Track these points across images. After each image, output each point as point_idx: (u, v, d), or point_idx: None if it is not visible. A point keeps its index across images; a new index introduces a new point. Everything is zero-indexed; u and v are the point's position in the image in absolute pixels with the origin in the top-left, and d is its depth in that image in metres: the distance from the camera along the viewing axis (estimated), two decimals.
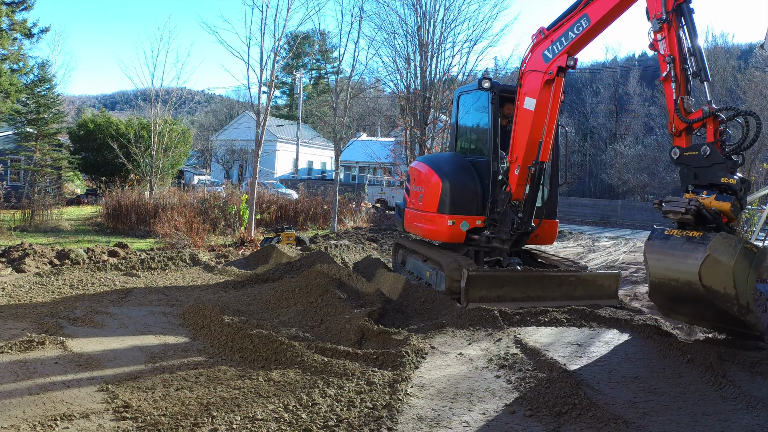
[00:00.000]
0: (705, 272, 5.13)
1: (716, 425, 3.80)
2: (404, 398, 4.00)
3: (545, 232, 8.06)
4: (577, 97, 47.87)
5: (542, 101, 7.05)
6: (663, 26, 5.70)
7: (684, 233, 5.44)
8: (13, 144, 21.37)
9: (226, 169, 47.24)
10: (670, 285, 5.51)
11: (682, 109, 5.67)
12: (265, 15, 14.40)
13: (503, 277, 7.13)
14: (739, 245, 5.07)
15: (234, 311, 6.19)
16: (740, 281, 5.03)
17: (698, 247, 5.21)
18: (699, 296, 5.27)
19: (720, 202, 5.38)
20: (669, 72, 5.69)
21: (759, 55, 19.82)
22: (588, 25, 6.51)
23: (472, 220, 7.71)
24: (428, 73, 18.13)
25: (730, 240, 5.13)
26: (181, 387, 4.14)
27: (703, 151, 5.47)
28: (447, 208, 7.73)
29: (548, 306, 6.72)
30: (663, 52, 5.75)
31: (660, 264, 5.62)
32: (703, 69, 5.61)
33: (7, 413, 3.59)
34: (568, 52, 6.78)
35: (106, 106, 67.02)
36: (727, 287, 5.06)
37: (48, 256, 9.24)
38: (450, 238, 7.83)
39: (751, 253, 5.07)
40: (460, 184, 7.81)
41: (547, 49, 7.02)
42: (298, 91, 49.34)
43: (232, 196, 18.51)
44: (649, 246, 5.74)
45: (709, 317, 5.56)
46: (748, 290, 5.09)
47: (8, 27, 24.65)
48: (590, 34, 6.64)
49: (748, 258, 5.05)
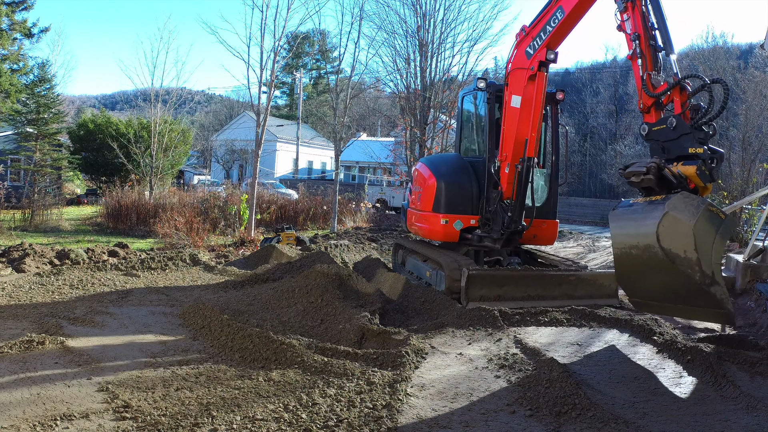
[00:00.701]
0: (663, 232, 4.79)
1: (716, 425, 3.80)
2: (404, 398, 4.00)
3: (544, 232, 8.04)
4: (577, 97, 47.84)
5: (527, 98, 7.19)
6: (627, 5, 5.76)
7: (648, 199, 5.21)
8: (13, 144, 21.38)
9: (226, 169, 47.23)
10: (631, 255, 5.20)
11: (649, 84, 5.58)
12: (265, 15, 14.41)
13: (503, 277, 7.13)
14: (702, 206, 4.71)
15: (234, 311, 6.18)
16: (703, 245, 4.63)
17: (657, 207, 4.93)
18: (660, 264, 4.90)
19: (685, 166, 5.11)
20: (635, 49, 5.69)
21: (759, 55, 19.81)
22: (563, 16, 6.66)
23: (466, 219, 7.79)
24: (428, 73, 18.13)
25: (692, 200, 4.80)
26: (181, 387, 4.14)
27: (670, 123, 5.32)
28: (440, 208, 7.85)
29: (548, 306, 6.72)
30: (629, 31, 5.78)
31: (621, 231, 5.37)
32: (668, 42, 5.57)
33: (7, 413, 3.59)
34: (547, 45, 6.92)
35: (106, 106, 66.98)
36: (688, 250, 4.66)
37: (48, 256, 9.24)
38: (444, 237, 7.93)
39: (716, 218, 4.71)
40: (453, 184, 7.89)
41: (529, 46, 7.17)
42: (298, 91, 49.33)
43: (232, 196, 18.50)
44: (612, 215, 5.50)
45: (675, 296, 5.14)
46: (714, 259, 4.69)
47: (8, 27, 24.66)
48: (566, 26, 6.78)
49: (712, 222, 4.69)
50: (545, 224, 7.94)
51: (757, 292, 7.74)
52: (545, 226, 7.96)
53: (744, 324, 7.01)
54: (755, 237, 9.19)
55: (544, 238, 8.16)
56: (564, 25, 6.73)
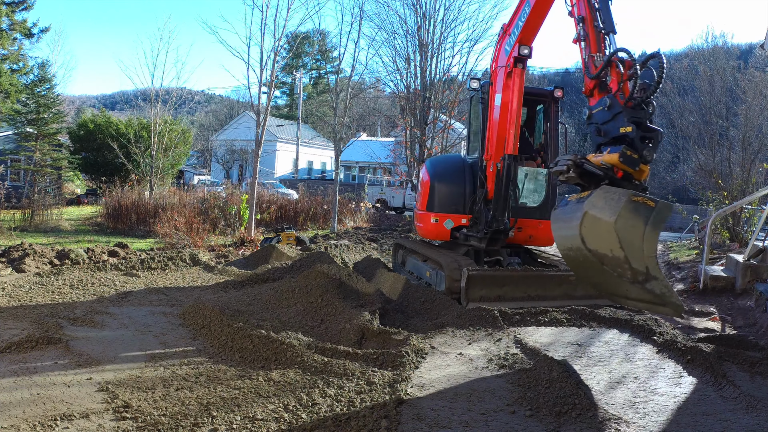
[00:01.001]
0: (586, 234, 4.47)
1: (716, 425, 3.80)
2: (404, 398, 4.00)
3: (541, 233, 7.96)
4: (577, 97, 47.78)
5: (505, 94, 7.32)
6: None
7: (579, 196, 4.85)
8: (13, 144, 21.38)
9: (226, 169, 47.22)
10: (570, 256, 4.90)
11: (591, 66, 5.45)
12: (265, 15, 14.43)
13: (503, 277, 7.13)
14: (623, 198, 4.33)
15: (234, 311, 6.18)
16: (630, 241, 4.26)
17: (579, 206, 4.62)
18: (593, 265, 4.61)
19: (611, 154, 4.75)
20: (579, 32, 5.64)
21: (759, 55, 19.80)
22: (530, 11, 6.76)
23: (457, 218, 7.87)
24: (428, 73, 18.11)
25: (612, 194, 4.43)
26: (181, 387, 4.14)
27: (604, 104, 5.09)
28: (432, 207, 7.99)
29: (548, 306, 6.72)
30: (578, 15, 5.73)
31: (557, 233, 5.07)
32: (607, 21, 5.45)
33: (7, 413, 3.59)
34: (520, 41, 7.02)
35: (106, 106, 66.98)
36: (614, 249, 4.32)
37: (48, 256, 9.23)
38: (436, 235, 8.10)
39: (643, 208, 4.32)
40: (446, 184, 8.00)
41: (506, 43, 7.32)
42: (298, 91, 49.35)
43: (232, 196, 18.50)
44: (551, 215, 5.25)
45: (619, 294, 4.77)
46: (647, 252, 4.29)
47: (8, 27, 24.66)
48: (533, 19, 6.85)
49: (639, 213, 4.31)
50: (542, 224, 7.87)
51: (757, 292, 7.74)
52: (542, 227, 7.89)
53: (744, 324, 7.01)
54: (755, 237, 9.19)
55: (540, 239, 8.09)
56: (531, 18, 6.83)
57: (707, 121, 18.71)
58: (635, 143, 4.79)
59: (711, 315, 7.57)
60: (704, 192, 17.05)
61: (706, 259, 9.76)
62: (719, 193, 15.03)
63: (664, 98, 23.07)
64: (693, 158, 23.33)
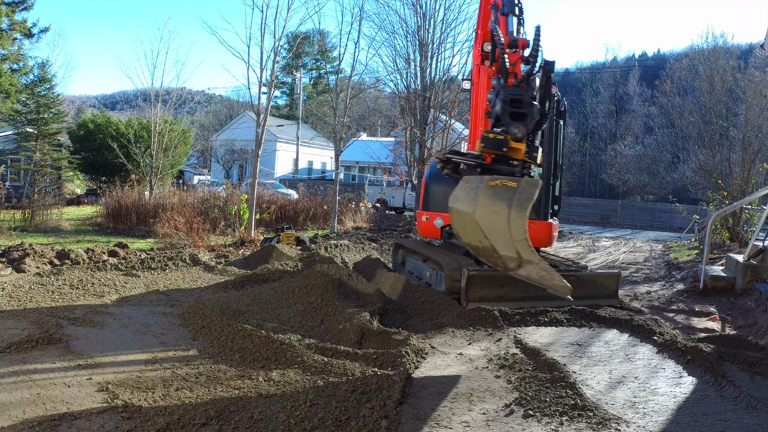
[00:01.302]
0: (456, 228, 4.41)
1: (716, 425, 3.80)
2: (404, 398, 4.00)
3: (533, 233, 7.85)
4: (577, 97, 47.86)
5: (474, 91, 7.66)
6: None
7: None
8: (13, 144, 21.36)
9: (226, 169, 47.21)
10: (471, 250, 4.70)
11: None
12: (265, 15, 14.41)
13: (503, 277, 7.10)
14: (480, 186, 4.16)
15: (234, 311, 6.18)
16: (494, 229, 4.06)
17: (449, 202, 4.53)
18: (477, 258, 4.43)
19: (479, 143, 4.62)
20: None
21: (759, 55, 19.79)
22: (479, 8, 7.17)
23: (446, 216, 7.94)
24: (428, 73, 18.14)
25: (471, 183, 4.29)
26: (181, 387, 4.14)
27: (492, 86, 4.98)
28: (426, 206, 8.25)
29: (548, 306, 6.72)
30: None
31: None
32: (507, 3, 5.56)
33: (7, 413, 3.59)
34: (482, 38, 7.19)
35: (106, 106, 66.99)
36: (482, 240, 4.18)
37: (48, 256, 9.23)
38: (429, 234, 8.33)
39: (504, 191, 4.09)
40: (438, 183, 8.13)
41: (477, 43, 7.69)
42: (298, 91, 49.33)
43: (232, 196, 18.48)
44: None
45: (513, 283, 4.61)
46: (514, 236, 4.07)
47: (8, 27, 24.65)
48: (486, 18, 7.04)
49: (500, 197, 4.08)
50: (534, 225, 7.80)
51: (757, 292, 7.74)
52: (534, 227, 7.81)
53: (744, 324, 7.01)
54: (755, 237, 9.19)
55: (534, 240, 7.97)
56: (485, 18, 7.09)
57: (707, 121, 18.72)
58: (501, 121, 4.65)
59: (711, 315, 7.58)
60: (704, 192, 17.07)
61: (706, 259, 9.77)
62: (719, 193, 15.03)
63: (664, 98, 23.02)
64: (693, 158, 23.35)
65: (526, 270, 4.15)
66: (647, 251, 16.92)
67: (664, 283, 10.54)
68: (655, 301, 8.66)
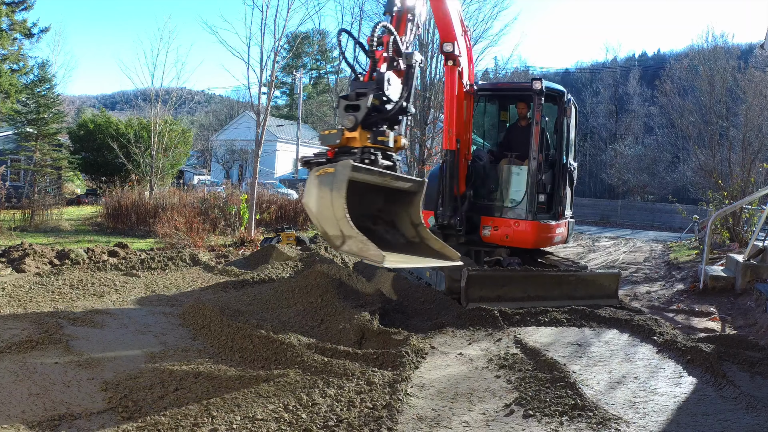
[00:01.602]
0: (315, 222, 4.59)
1: (716, 425, 3.80)
2: (404, 398, 4.00)
3: (517, 233, 7.70)
4: (577, 97, 47.91)
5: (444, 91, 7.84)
6: None
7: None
8: (13, 144, 21.37)
9: (226, 169, 47.20)
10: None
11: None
12: (265, 15, 14.38)
13: (503, 277, 7.13)
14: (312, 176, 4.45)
15: (234, 311, 6.18)
16: (324, 214, 4.38)
17: None
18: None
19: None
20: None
21: (759, 55, 19.80)
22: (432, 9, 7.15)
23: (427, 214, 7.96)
24: (428, 73, 18.14)
25: (310, 177, 4.57)
26: (180, 387, 4.14)
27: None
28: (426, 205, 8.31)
29: (548, 306, 6.72)
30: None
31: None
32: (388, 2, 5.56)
33: (7, 413, 3.59)
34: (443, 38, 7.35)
35: (106, 106, 66.98)
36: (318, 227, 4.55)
37: (48, 256, 9.23)
38: None
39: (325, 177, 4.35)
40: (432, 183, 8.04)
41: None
42: (298, 91, 49.28)
43: (232, 196, 18.46)
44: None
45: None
46: (336, 215, 4.32)
47: (8, 27, 24.63)
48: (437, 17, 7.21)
49: (323, 184, 4.37)
50: (518, 224, 7.69)
51: (757, 292, 7.75)
52: (519, 227, 7.68)
53: (744, 324, 7.02)
54: (755, 237, 9.20)
55: (517, 240, 7.78)
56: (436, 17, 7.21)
57: (707, 121, 18.74)
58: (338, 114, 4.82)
59: (711, 315, 7.58)
60: (704, 192, 17.08)
61: (706, 259, 9.78)
62: (719, 193, 15.04)
63: (664, 98, 23.03)
64: (693, 158, 23.34)
65: (348, 245, 4.42)
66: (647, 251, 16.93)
67: (664, 283, 10.54)
68: (655, 301, 8.66)
